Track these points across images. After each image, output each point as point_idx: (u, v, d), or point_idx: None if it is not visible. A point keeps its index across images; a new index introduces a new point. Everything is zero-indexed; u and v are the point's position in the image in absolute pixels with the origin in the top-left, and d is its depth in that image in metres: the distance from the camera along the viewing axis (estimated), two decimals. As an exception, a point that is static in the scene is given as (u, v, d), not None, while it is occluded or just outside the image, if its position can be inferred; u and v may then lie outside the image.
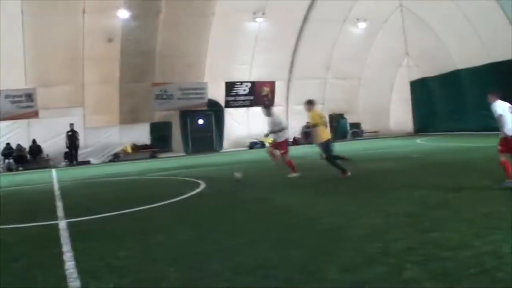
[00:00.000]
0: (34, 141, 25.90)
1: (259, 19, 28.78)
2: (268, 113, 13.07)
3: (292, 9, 28.63)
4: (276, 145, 12.82)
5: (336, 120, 33.80)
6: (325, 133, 11.73)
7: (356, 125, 34.63)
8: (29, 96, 25.81)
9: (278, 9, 28.06)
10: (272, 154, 12.92)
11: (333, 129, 33.34)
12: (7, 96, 25.57)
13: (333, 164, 11.44)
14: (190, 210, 8.14)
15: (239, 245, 5.36)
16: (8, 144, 25.47)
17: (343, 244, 5.05)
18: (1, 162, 25.53)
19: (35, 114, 26.04)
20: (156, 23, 26.71)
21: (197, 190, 10.49)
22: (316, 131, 11.69)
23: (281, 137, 12.76)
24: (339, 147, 13.85)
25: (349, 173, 11.12)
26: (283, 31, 29.70)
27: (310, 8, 29.34)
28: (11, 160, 25.49)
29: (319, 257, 4.62)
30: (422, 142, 23.26)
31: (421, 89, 33.36)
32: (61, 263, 5.10)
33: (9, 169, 25.07)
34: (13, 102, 25.71)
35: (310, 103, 12.28)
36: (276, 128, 12.76)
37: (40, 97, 25.76)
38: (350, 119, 34.47)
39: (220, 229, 6.29)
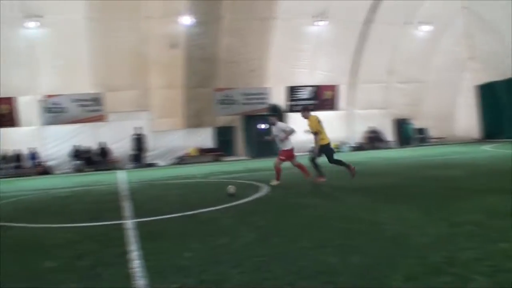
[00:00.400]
0: (102, 143, 26.86)
1: (321, 23, 28.66)
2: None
3: (354, 12, 28.40)
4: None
5: (400, 125, 33.13)
6: (325, 138, 12.19)
7: (421, 131, 33.79)
8: (97, 100, 26.79)
9: (340, 12, 27.93)
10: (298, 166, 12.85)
11: (398, 135, 32.77)
12: (75, 100, 26.64)
13: (315, 166, 12.10)
14: (253, 213, 8.16)
15: (301, 249, 5.27)
16: (76, 146, 26.53)
17: (407, 252, 4.88)
18: (70, 163, 26.60)
19: (103, 118, 26.99)
20: (218, 29, 27.13)
21: (260, 194, 10.51)
22: (317, 137, 12.08)
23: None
24: (402, 153, 13.60)
25: (325, 179, 11.93)
26: (344, 34, 29.46)
27: (371, 10, 28.95)
28: (80, 161, 26.51)
29: (382, 264, 4.51)
30: (490, 149, 22.42)
31: (488, 94, 32.13)
32: (126, 261, 5.18)
33: (77, 170, 26.10)
34: (81, 106, 26.76)
35: (306, 110, 12.62)
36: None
37: (108, 101, 26.71)
38: (415, 124, 33.69)
39: (282, 233, 6.22)
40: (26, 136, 26.72)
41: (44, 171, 26.09)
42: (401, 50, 31.24)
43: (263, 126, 30.25)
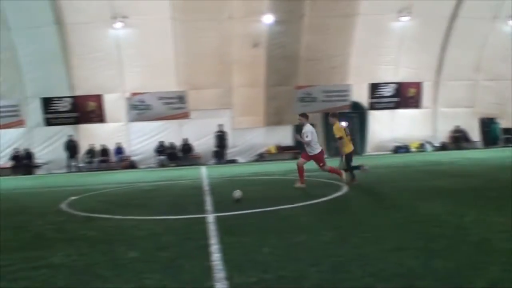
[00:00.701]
0: (185, 140, 27.58)
1: (404, 18, 27.85)
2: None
3: (439, 6, 27.24)
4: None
5: (487, 125, 31.60)
6: (349, 146, 12.50)
7: (509, 131, 31.95)
8: (181, 98, 27.49)
9: (424, 7, 26.90)
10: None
11: (483, 134, 31.30)
12: (160, 98, 27.50)
13: (351, 172, 12.33)
14: (332, 212, 8.07)
15: (381, 251, 5.13)
16: (161, 142, 27.41)
17: (492, 257, 4.61)
18: (154, 158, 27.51)
19: (186, 115, 27.68)
20: (300, 27, 27.00)
21: (339, 193, 10.39)
22: (342, 143, 12.35)
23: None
24: (489, 154, 12.97)
25: (356, 181, 12.14)
26: (429, 30, 28.35)
27: (457, 5, 27.72)
28: (164, 157, 27.36)
29: (466, 270, 4.30)
30: None
31: None
32: (207, 254, 5.26)
33: (161, 165, 26.97)
34: (166, 103, 27.57)
35: (334, 116, 12.98)
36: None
37: (191, 99, 27.36)
38: (503, 124, 31.99)
39: (361, 233, 6.09)
40: (113, 132, 27.91)
41: (129, 165, 27.14)
42: (488, 46, 29.64)
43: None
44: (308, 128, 12.04)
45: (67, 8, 24.95)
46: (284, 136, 29.46)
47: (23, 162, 27.47)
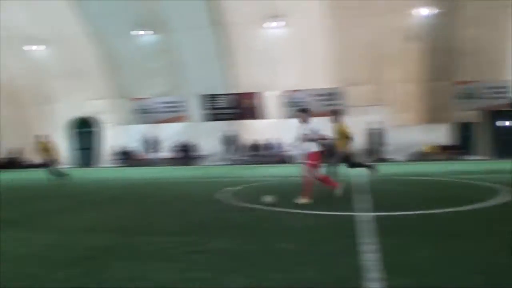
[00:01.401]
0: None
1: None
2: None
3: None
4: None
5: None
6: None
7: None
8: (334, 95, 27.41)
9: None
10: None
11: None
12: (313, 95, 27.68)
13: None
14: (497, 220, 7.45)
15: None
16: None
17: None
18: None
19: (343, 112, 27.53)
20: (457, 19, 25.46)
21: (504, 199, 9.58)
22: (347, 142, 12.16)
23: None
24: None
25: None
26: None
27: None
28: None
29: None
30: None
31: None
32: (360, 253, 5.15)
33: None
34: (319, 100, 27.66)
35: (340, 114, 12.66)
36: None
37: (346, 95, 27.13)
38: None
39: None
40: (267, 128, 28.67)
41: (282, 160, 27.65)
42: None
43: (507, 123, 27.68)
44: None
45: (225, 9, 26.20)
46: (440, 134, 28.11)
47: (184, 154, 29.41)
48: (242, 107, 28.74)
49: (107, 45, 29.47)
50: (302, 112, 10.24)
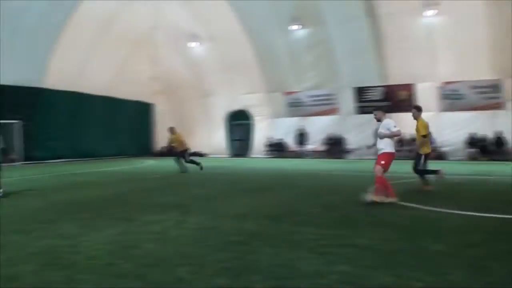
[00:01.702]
0: (498, 133, 25.53)
1: None
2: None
3: None
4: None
5: None
6: (428, 146, 11.95)
7: None
8: (495, 87, 25.64)
9: None
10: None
11: None
12: (472, 87, 26.14)
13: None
14: None
15: None
16: (472, 134, 26.01)
17: None
18: (464, 150, 26.28)
19: (500, 105, 25.69)
20: None
21: None
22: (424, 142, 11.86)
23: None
24: None
25: (431, 188, 11.07)
26: None
27: None
28: (474, 150, 25.94)
29: None
30: None
31: None
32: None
33: (471, 158, 25.61)
34: (479, 92, 26.06)
35: (419, 110, 12.23)
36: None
37: (508, 88, 25.22)
38: None
39: None
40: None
41: (439, 156, 26.50)
42: None
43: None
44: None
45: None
46: None
47: (335, 147, 29.49)
48: (397, 99, 27.98)
49: (262, 40, 30.43)
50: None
